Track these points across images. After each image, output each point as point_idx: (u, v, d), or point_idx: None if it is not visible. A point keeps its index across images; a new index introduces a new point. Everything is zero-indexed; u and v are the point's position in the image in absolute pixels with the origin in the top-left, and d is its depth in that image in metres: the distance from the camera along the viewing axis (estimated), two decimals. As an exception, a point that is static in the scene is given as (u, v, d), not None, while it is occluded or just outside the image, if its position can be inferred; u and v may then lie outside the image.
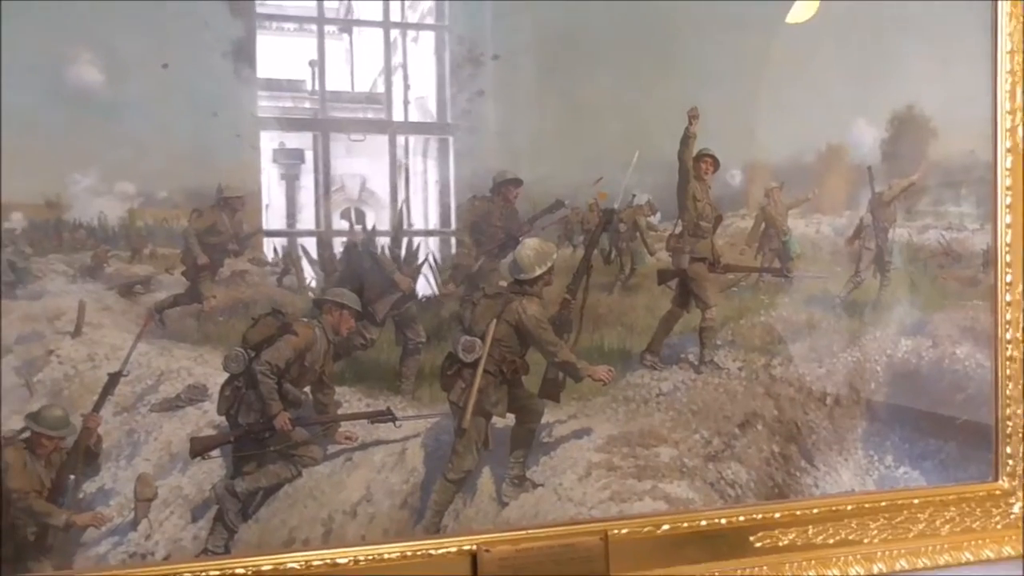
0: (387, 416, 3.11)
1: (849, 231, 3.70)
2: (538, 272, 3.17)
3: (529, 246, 3.18)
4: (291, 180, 3.22)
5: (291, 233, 3.21)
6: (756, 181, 3.58)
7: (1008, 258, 3.71)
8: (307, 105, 3.26)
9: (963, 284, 3.76)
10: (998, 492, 3.72)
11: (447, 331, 3.22)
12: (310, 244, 3.19)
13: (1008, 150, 3.69)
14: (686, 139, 3.37)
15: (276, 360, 2.98)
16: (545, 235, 3.26)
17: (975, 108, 3.69)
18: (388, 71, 3.34)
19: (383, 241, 3.23)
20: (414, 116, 3.37)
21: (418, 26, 3.37)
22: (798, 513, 3.45)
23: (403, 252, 3.27)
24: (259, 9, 3.04)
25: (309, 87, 3.26)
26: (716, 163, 3.44)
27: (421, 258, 3.28)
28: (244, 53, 2.96)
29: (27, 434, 2.77)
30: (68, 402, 2.84)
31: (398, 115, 3.34)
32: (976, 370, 3.73)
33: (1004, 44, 3.68)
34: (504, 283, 3.22)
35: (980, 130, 3.70)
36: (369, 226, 3.23)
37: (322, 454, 3.07)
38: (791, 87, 3.51)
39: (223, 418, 3.00)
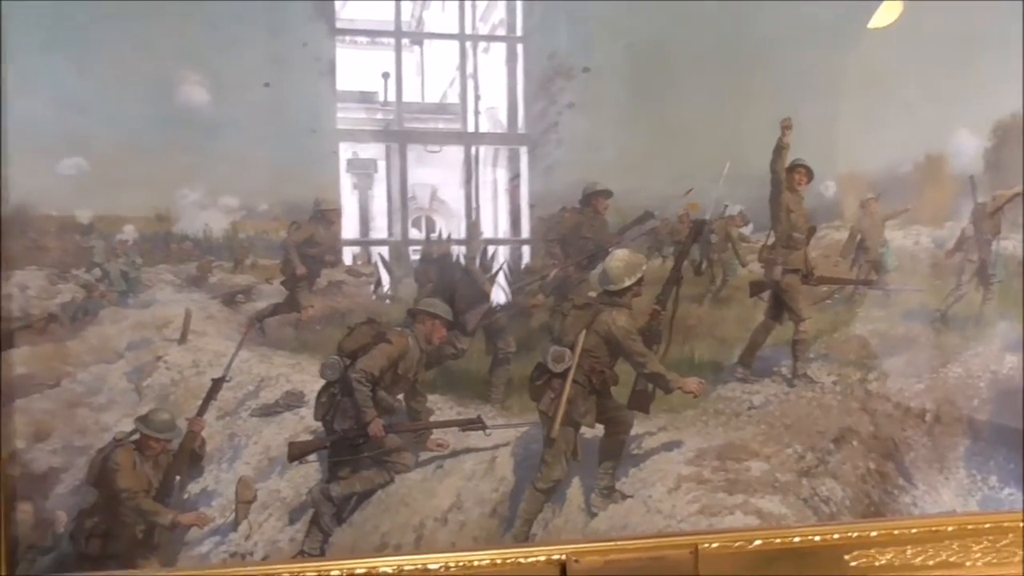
0: (478, 424, 3.16)
1: (950, 243, 3.60)
2: (627, 283, 3.16)
3: (618, 257, 3.18)
4: (363, 190, 3.31)
5: (367, 242, 3.29)
6: (851, 192, 3.51)
7: (1120, 271, 3.55)
8: (380, 116, 3.35)
9: (1073, 298, 3.61)
10: (1111, 516, 3.54)
11: (536, 342, 3.26)
12: (385, 253, 3.29)
13: (1122, 158, 3.53)
14: (779, 150, 3.34)
15: (371, 368, 3.06)
16: (635, 246, 3.27)
17: (1085, 115, 3.55)
18: (464, 81, 3.41)
19: (459, 250, 3.30)
20: (484, 125, 3.44)
21: (490, 37, 3.43)
22: (896, 532, 3.33)
23: (477, 260, 3.33)
24: (338, 24, 3.14)
25: (383, 99, 3.34)
26: (810, 174, 3.40)
27: (496, 266, 3.33)
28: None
29: (136, 436, 2.90)
30: (174, 406, 2.98)
31: (470, 124, 3.41)
32: (1087, 387, 3.58)
33: (1115, 49, 3.54)
34: (594, 294, 3.23)
35: (1093, 137, 3.56)
36: (443, 234, 3.30)
37: (414, 461, 3.13)
38: (885, 98, 3.44)
39: (319, 424, 3.09)
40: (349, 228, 3.28)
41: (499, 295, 3.36)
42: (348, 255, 3.28)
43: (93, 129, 2.82)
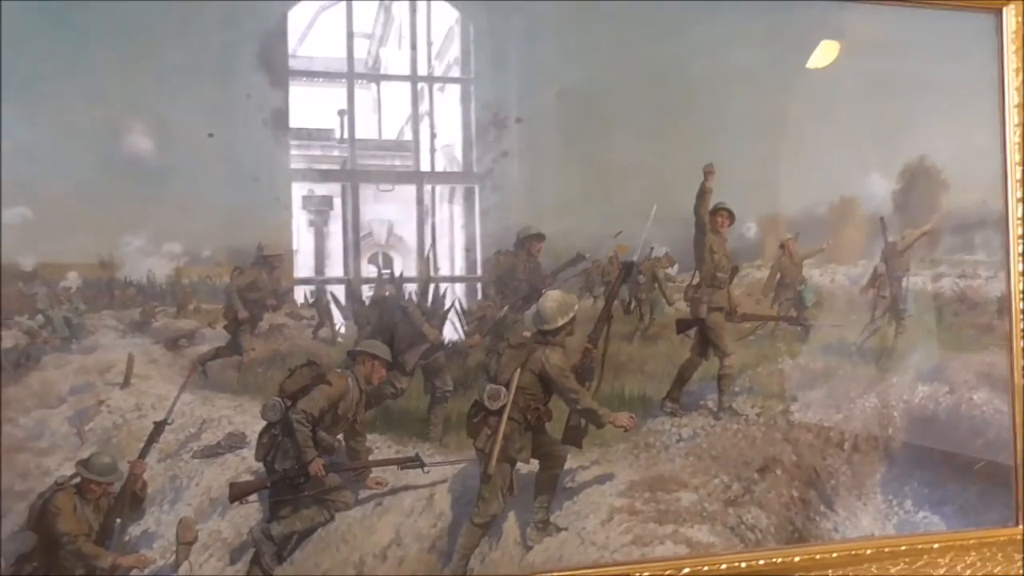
0: (416, 462, 3.24)
1: (864, 280, 3.81)
2: (560, 323, 3.29)
3: (551, 298, 3.31)
4: (319, 227, 3.39)
5: (321, 281, 3.37)
6: (771, 233, 3.71)
7: (1022, 305, 3.78)
8: (336, 153, 3.45)
9: (978, 331, 3.83)
10: (1019, 537, 3.75)
11: (473, 380, 3.37)
12: (339, 291, 3.35)
13: (1019, 200, 3.78)
14: (702, 194, 3.51)
15: (311, 409, 3.13)
16: (567, 287, 3.40)
17: (986, 160, 3.81)
18: (416, 121, 3.52)
19: (411, 287, 3.39)
20: (440, 163, 3.56)
21: (444, 79, 3.56)
22: (818, 557, 3.51)
23: (430, 299, 3.42)
24: (293, 63, 3.25)
25: (338, 135, 3.44)
26: (732, 216, 3.58)
27: (447, 304, 3.43)
28: (283, 122, 3.16)
29: (77, 480, 2.93)
30: (116, 449, 3.01)
31: (425, 162, 3.53)
32: (994, 415, 3.79)
33: (1012, 98, 3.80)
34: (528, 333, 3.35)
35: (991, 181, 3.81)
36: (397, 271, 3.39)
37: (354, 499, 3.21)
38: (804, 143, 3.65)
39: (261, 464, 3.15)
40: (304, 266, 3.36)
41: (451, 333, 3.46)
42: (301, 293, 3.35)
43: (39, 177, 2.87)
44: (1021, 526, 3.77)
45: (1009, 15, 3.81)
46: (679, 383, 3.58)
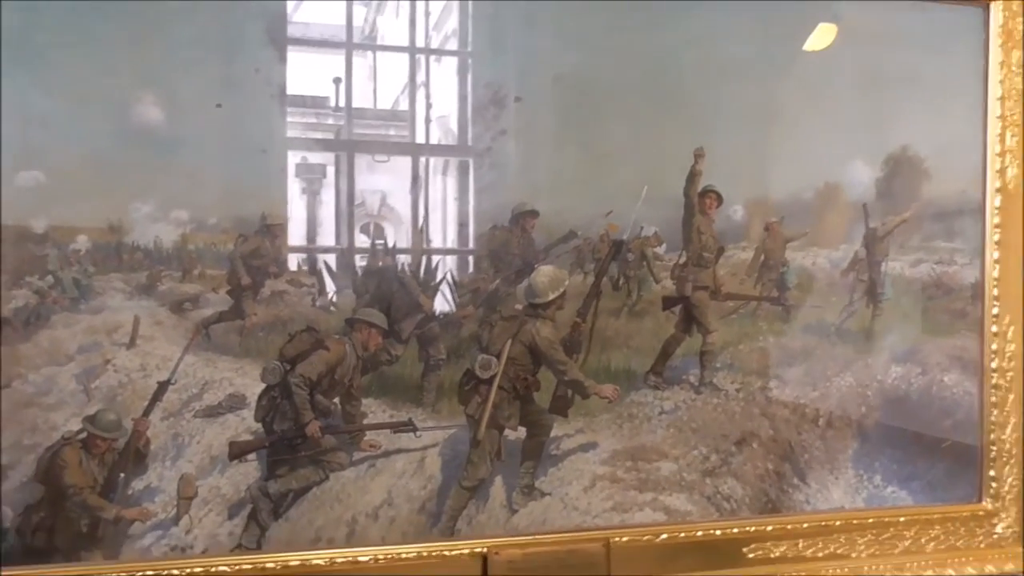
0: (408, 427, 3.38)
1: (844, 263, 3.94)
2: (551, 297, 3.43)
3: (543, 273, 3.45)
4: (312, 195, 3.49)
5: (314, 249, 3.47)
6: (757, 216, 3.83)
7: (995, 292, 3.91)
8: (331, 121, 3.52)
9: (952, 315, 3.97)
10: (981, 513, 3.92)
11: (466, 350, 3.49)
12: (331, 260, 3.46)
13: (997, 190, 3.90)
14: (692, 176, 3.63)
15: (309, 373, 3.26)
16: (559, 263, 3.52)
17: (967, 151, 3.92)
18: (412, 92, 3.60)
19: (403, 259, 3.50)
20: (435, 135, 3.64)
21: (437, 51, 3.63)
22: (789, 527, 3.67)
23: (422, 271, 3.53)
24: (290, 29, 3.32)
25: (333, 104, 3.52)
26: (719, 199, 3.69)
27: (440, 276, 3.54)
28: (284, 92, 3.25)
29: (84, 435, 3.06)
30: (121, 407, 3.13)
31: (420, 133, 3.60)
32: (964, 397, 3.95)
33: (995, 91, 3.90)
34: (519, 306, 3.48)
35: (971, 171, 3.92)
36: (390, 243, 3.50)
37: (348, 460, 3.34)
38: (792, 130, 3.76)
39: (259, 425, 3.28)
40: (296, 235, 3.44)
41: (442, 304, 3.57)
42: (294, 261, 3.46)
43: (52, 143, 2.96)
44: (986, 502, 3.94)
45: (996, 10, 3.90)
46: (663, 358, 3.72)
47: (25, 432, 3.00)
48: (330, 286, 3.43)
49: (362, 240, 3.54)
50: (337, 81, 3.51)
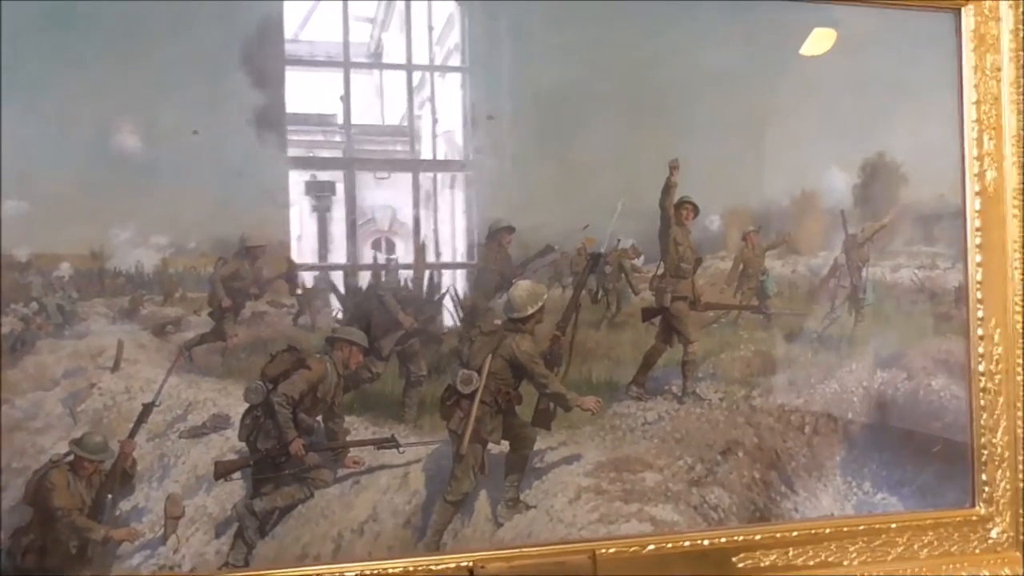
0: (391, 443, 3.41)
1: (824, 270, 3.96)
2: (530, 311, 3.47)
3: (522, 287, 3.49)
4: (323, 212, 3.52)
5: (322, 267, 3.51)
6: (734, 225, 3.86)
7: (980, 295, 3.92)
8: (337, 139, 3.58)
9: (937, 319, 3.97)
10: (975, 518, 3.89)
11: (446, 365, 3.53)
12: (337, 277, 3.52)
13: (977, 193, 3.92)
14: (667, 188, 3.67)
15: (291, 392, 3.31)
16: (537, 277, 3.56)
17: (944, 155, 3.94)
18: (411, 108, 3.66)
19: (407, 274, 3.56)
20: (442, 150, 3.69)
21: (432, 67, 3.69)
22: (778, 536, 3.66)
23: (425, 286, 3.59)
24: (292, 50, 3.43)
25: (340, 121, 3.58)
26: (696, 210, 3.73)
27: (443, 290, 3.59)
28: (266, 120, 3.33)
29: (71, 458, 3.12)
30: (107, 429, 3.20)
31: (427, 149, 3.65)
32: (951, 401, 3.94)
33: (970, 95, 3.93)
34: (499, 321, 3.52)
35: (949, 175, 3.94)
36: (400, 256, 3.56)
37: (332, 477, 3.38)
38: (767, 139, 3.80)
39: (244, 444, 3.33)
40: (307, 252, 3.50)
41: (447, 319, 3.63)
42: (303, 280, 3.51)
43: (35, 172, 3.06)
44: (979, 507, 3.91)
45: (967, 15, 3.94)
46: (644, 369, 3.74)
47: (14, 456, 3.07)
48: (335, 305, 3.48)
49: (373, 256, 3.58)
50: (343, 98, 3.58)
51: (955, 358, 3.95)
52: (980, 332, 3.92)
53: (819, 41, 3.85)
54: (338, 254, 3.52)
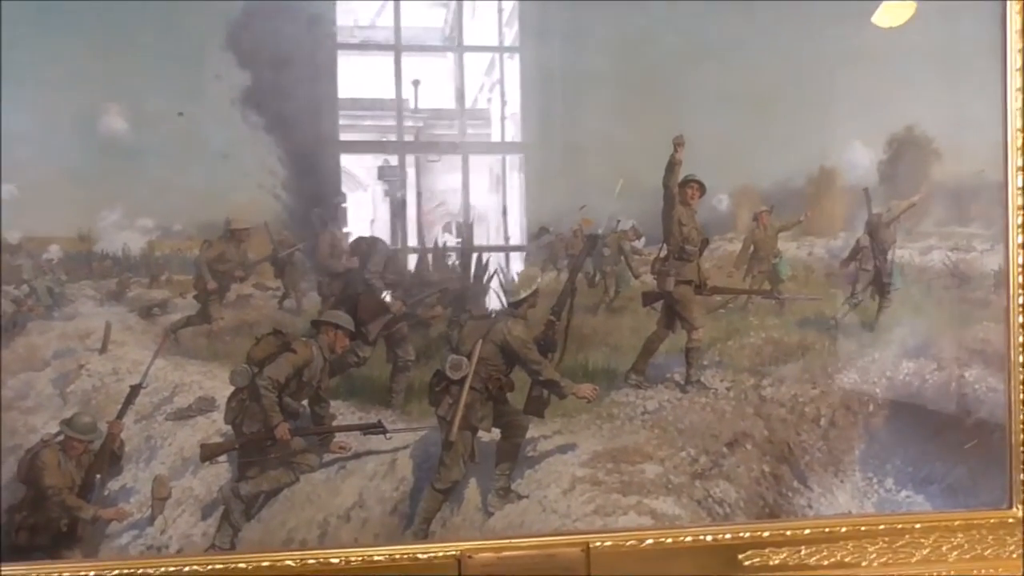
0: (378, 428, 3.36)
1: (844, 253, 3.71)
2: (523, 295, 3.36)
3: (514, 273, 3.38)
4: (393, 196, 3.51)
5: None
6: (744, 205, 3.65)
7: (1021, 279, 3.60)
8: (410, 123, 3.55)
9: (972, 305, 3.67)
10: (1011, 520, 3.60)
11: (435, 350, 3.46)
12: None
13: (1020, 169, 3.59)
14: (671, 166, 3.48)
15: (277, 375, 3.29)
16: (530, 260, 3.44)
17: (983, 128, 3.61)
18: (460, 91, 3.59)
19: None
20: (510, 132, 3.65)
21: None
22: (789, 533, 3.45)
23: (472, 268, 3.53)
24: (340, 37, 3.41)
25: (412, 105, 3.55)
26: (702, 189, 3.54)
27: (491, 271, 3.53)
28: (251, 100, 3.30)
29: (61, 438, 3.18)
30: (96, 410, 3.25)
31: (496, 132, 3.65)
32: (988, 394, 3.64)
33: (1014, 61, 3.59)
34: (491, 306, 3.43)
35: (989, 150, 3.61)
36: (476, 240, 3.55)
37: (318, 462, 3.35)
38: (780, 113, 3.58)
39: (230, 427, 3.33)
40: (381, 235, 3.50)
41: (493, 301, 3.55)
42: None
43: (24, 157, 3.10)
44: (1017, 508, 3.62)
45: (1013, -25, 3.62)
46: (644, 356, 3.58)
47: (6, 434, 3.15)
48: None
49: (446, 239, 3.59)
50: (416, 83, 3.54)
51: (992, 347, 3.63)
52: (1021, 320, 3.60)
53: (837, 7, 3.58)
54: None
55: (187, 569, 3.11)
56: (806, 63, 3.58)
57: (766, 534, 3.45)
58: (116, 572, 3.08)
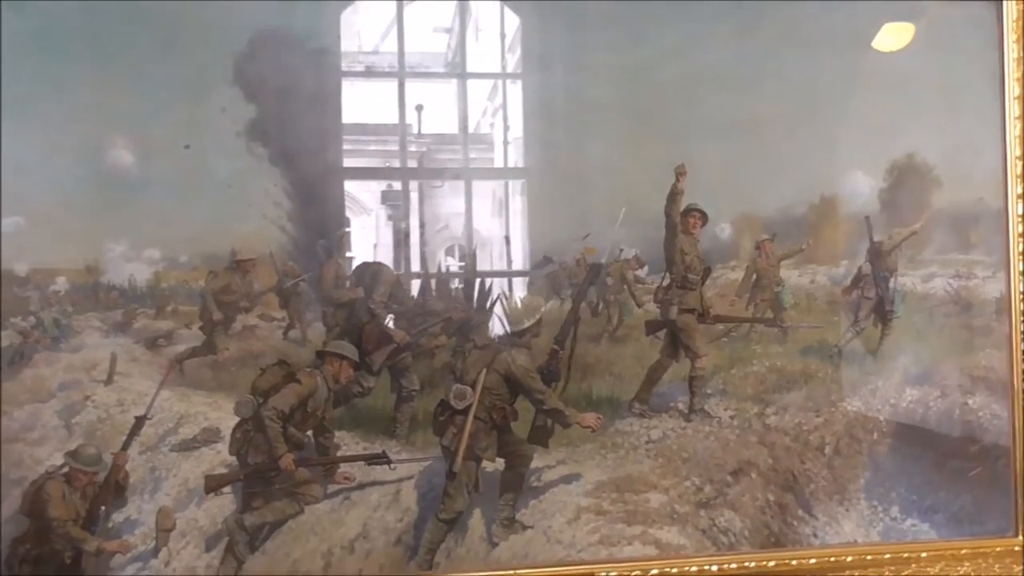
0: (382, 459, 3.36)
1: (847, 281, 3.72)
2: (526, 324, 3.36)
3: (517, 300, 3.39)
4: (397, 222, 3.55)
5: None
6: (746, 234, 3.67)
7: (1023, 306, 3.61)
8: (413, 148, 3.60)
9: (974, 333, 3.68)
10: (1017, 548, 3.58)
11: (440, 380, 3.47)
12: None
13: (1020, 196, 3.61)
14: (673, 195, 3.50)
15: (282, 406, 3.29)
16: (533, 289, 3.45)
17: (983, 156, 3.64)
18: (463, 116, 3.62)
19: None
20: (512, 158, 3.67)
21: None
22: (794, 563, 3.44)
23: (476, 291, 3.54)
24: (344, 64, 3.46)
25: (416, 131, 3.60)
26: (704, 218, 3.55)
27: (495, 295, 3.55)
28: (256, 131, 3.33)
29: (66, 469, 3.17)
30: (101, 441, 3.25)
31: (499, 156, 3.67)
32: (992, 421, 3.64)
33: (1012, 89, 3.63)
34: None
35: (989, 177, 3.64)
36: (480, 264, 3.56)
37: (323, 492, 3.35)
38: (781, 141, 3.60)
39: (234, 458, 3.33)
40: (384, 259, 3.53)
41: (496, 329, 3.57)
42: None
43: (31, 190, 3.13)
44: (1021, 536, 3.60)
45: (1010, 3, 3.65)
46: (648, 384, 3.59)
47: (11, 466, 3.15)
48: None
49: (449, 263, 3.62)
50: (419, 108, 3.58)
51: (995, 374, 3.64)
52: (1024, 346, 3.62)
53: (835, 37, 3.62)
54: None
55: (191, 601, 3.13)
56: (807, 92, 3.62)
57: (772, 563, 3.43)
58: (122, 605, 3.09)
